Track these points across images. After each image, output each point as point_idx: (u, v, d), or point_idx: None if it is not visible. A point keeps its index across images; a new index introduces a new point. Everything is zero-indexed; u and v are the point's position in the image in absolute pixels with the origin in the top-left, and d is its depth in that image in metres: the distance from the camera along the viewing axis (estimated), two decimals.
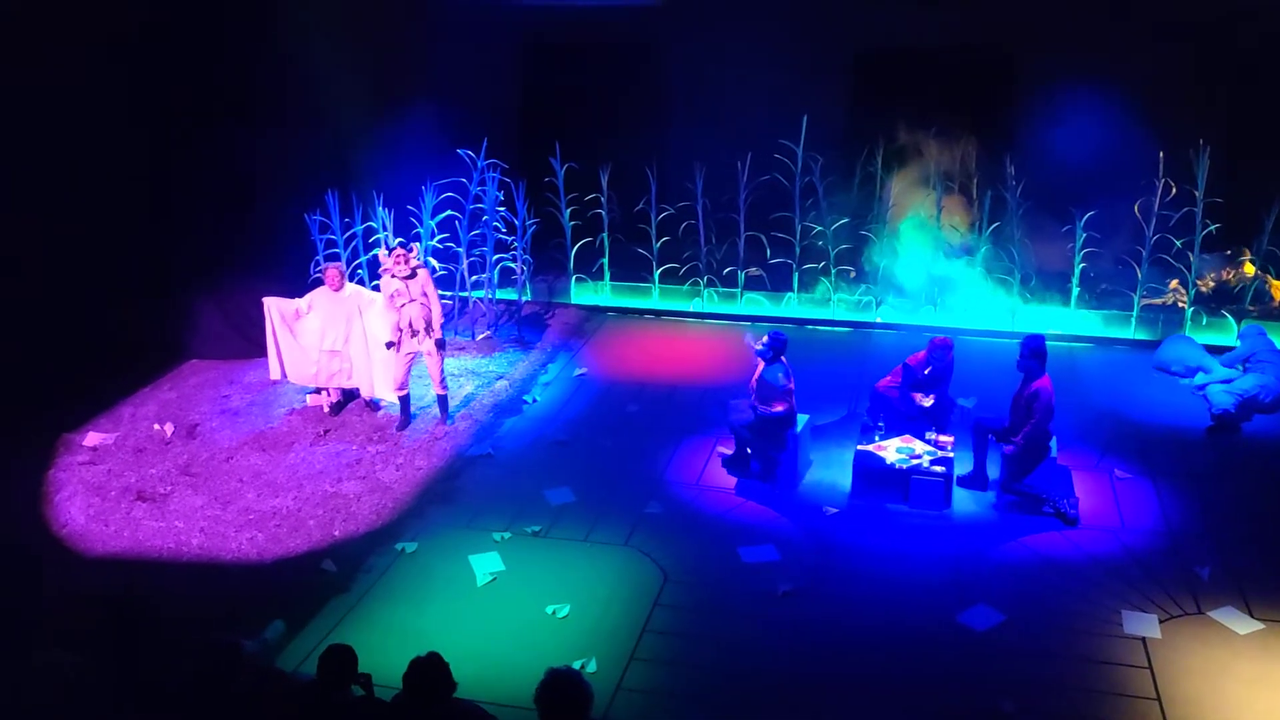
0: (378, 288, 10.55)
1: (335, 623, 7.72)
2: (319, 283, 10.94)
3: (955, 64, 13.69)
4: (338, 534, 8.87)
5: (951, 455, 9.37)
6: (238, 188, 11.64)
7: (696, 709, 6.96)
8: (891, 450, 9.43)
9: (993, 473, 9.42)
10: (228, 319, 12.21)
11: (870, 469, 9.30)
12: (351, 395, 11.08)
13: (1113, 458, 10.02)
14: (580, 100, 14.73)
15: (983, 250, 13.08)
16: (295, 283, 11.65)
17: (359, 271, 12.61)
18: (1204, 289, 13.03)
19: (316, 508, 9.23)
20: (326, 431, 10.59)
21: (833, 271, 13.52)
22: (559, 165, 13.42)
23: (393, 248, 10.51)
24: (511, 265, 13.31)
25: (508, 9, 14.53)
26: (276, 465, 9.94)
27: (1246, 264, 13.04)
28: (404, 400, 10.58)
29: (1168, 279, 13.04)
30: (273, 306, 10.52)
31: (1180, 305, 12.88)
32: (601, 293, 14.26)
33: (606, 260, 14.11)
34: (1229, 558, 8.40)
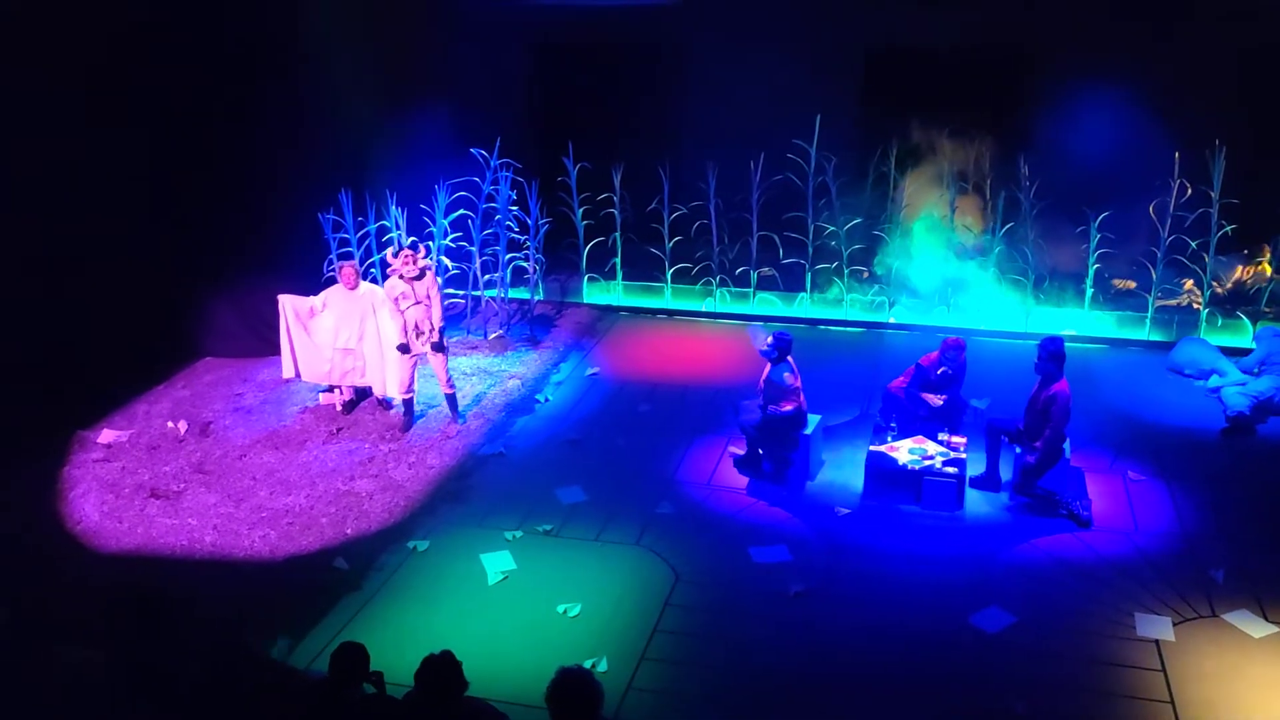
0: None
1: (347, 620, 7.73)
2: (332, 281, 10.99)
3: (969, 63, 13.66)
4: (350, 532, 8.89)
5: (964, 456, 9.34)
6: (252, 186, 11.68)
7: (707, 709, 6.95)
8: (904, 451, 9.42)
9: (1005, 474, 9.39)
10: (242, 317, 12.26)
11: (882, 470, 9.28)
12: (364, 394, 11.11)
13: (1126, 459, 9.97)
14: (593, 100, 14.76)
15: (996, 251, 13.04)
16: (309, 281, 11.68)
17: (372, 270, 12.64)
18: (1220, 291, 12.96)
19: (329, 506, 9.26)
20: (339, 430, 10.62)
21: (845, 272, 13.50)
22: (572, 165, 13.43)
23: (401, 248, 10.52)
24: (524, 264, 13.32)
25: (521, 9, 14.55)
26: (289, 463, 9.98)
27: (1264, 264, 12.97)
28: (408, 403, 10.59)
29: (1182, 280, 12.98)
30: (288, 304, 10.55)
31: (1195, 306, 12.82)
32: (614, 292, 14.27)
33: (619, 260, 14.12)
34: (1243, 560, 8.35)
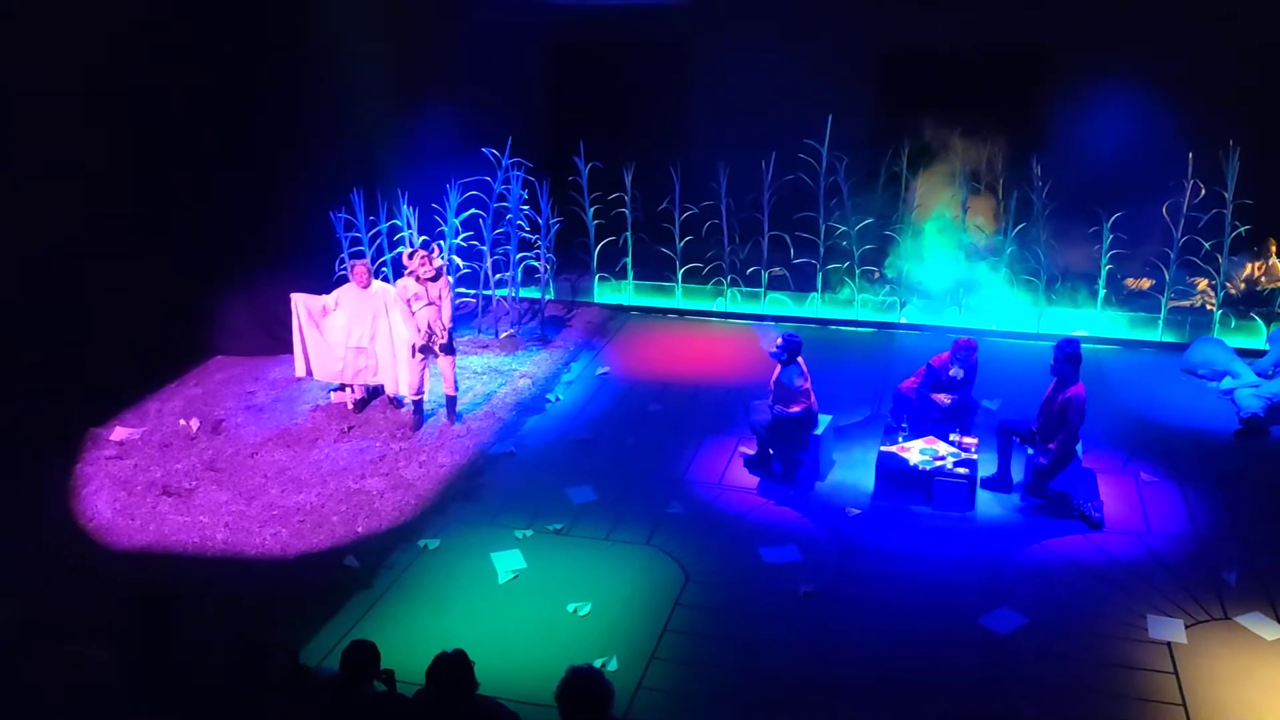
0: None
1: (358, 618, 7.75)
2: (344, 280, 11.01)
3: (981, 63, 13.62)
4: (361, 530, 8.91)
5: (975, 457, 9.32)
6: (265, 185, 11.71)
7: (717, 709, 6.95)
8: (915, 451, 9.40)
9: (1017, 475, 9.36)
10: (253, 315, 12.29)
11: (893, 470, 9.26)
12: (375, 392, 11.13)
13: (1139, 461, 9.94)
14: (604, 99, 14.76)
15: (1008, 251, 13.00)
16: (321, 280, 11.70)
17: (384, 269, 12.67)
18: (1233, 291, 12.90)
19: (340, 504, 9.28)
20: (350, 428, 10.64)
21: (857, 272, 13.47)
22: (583, 164, 13.44)
23: (415, 248, 10.52)
24: (535, 264, 13.33)
25: (533, 8, 14.56)
26: (301, 461, 10.00)
27: (1274, 259, 12.91)
28: (418, 404, 10.61)
29: (1194, 280, 12.92)
30: (300, 302, 10.58)
31: (1209, 307, 12.76)
32: (624, 292, 14.27)
33: (630, 259, 14.12)
34: (1256, 563, 8.32)
